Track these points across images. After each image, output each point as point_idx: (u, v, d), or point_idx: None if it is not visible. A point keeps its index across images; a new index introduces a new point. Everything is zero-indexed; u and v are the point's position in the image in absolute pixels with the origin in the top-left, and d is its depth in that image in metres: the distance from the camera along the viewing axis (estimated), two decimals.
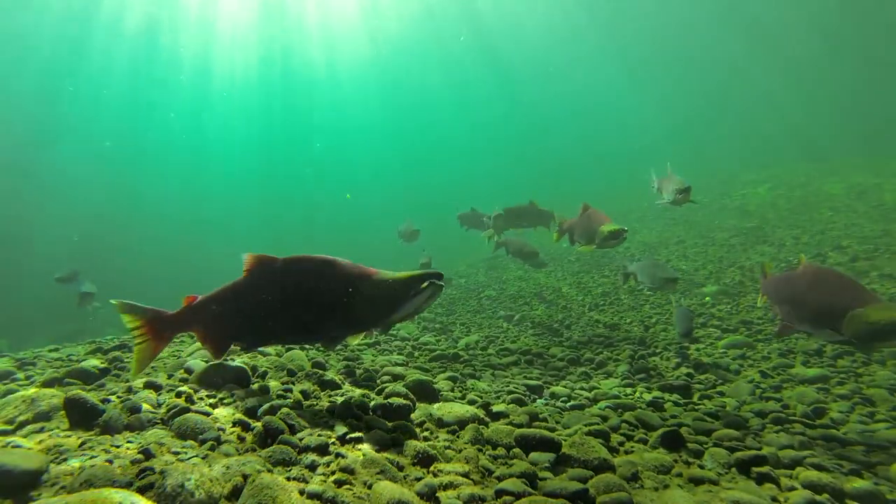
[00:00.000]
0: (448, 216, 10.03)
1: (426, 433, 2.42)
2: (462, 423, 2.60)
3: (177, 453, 1.85)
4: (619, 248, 8.13)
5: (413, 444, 2.08)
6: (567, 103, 39.12)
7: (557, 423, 2.99)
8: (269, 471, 1.72)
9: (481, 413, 2.81)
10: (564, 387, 3.96)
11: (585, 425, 2.77)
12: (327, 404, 2.65)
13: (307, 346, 4.90)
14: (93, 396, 2.16)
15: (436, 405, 2.85)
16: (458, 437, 2.44)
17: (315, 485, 1.69)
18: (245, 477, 1.63)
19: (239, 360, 3.23)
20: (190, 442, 1.98)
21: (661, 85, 34.36)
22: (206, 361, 3.14)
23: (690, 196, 5.49)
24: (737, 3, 24.92)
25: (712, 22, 26.52)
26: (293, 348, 4.39)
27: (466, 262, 13.24)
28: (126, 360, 3.53)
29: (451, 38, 29.57)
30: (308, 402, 2.70)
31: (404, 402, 2.57)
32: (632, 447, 2.58)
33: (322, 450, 1.97)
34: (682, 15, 25.87)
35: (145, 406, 2.27)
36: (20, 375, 3.27)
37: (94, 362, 3.27)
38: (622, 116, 40.54)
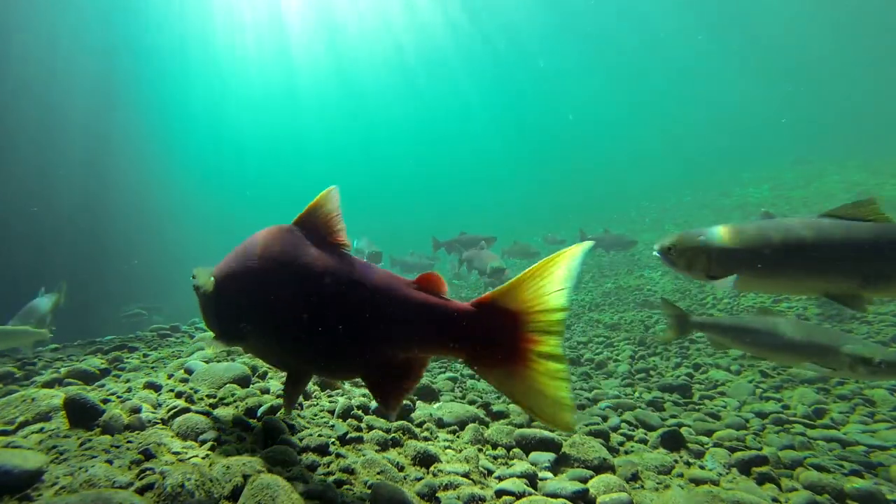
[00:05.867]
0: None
1: (426, 433, 2.41)
2: (462, 423, 2.60)
3: (177, 453, 1.84)
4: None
5: (413, 444, 2.08)
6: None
7: None
8: (269, 471, 1.72)
9: (481, 413, 2.81)
10: None
11: (585, 425, 2.77)
12: (328, 404, 2.65)
13: None
14: (93, 396, 2.16)
15: (436, 405, 2.85)
16: (458, 437, 2.44)
17: (315, 485, 1.69)
18: (245, 477, 1.62)
19: (239, 360, 3.23)
20: (190, 442, 1.98)
21: (665, 84, 34.44)
22: (207, 362, 3.13)
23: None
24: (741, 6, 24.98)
25: (712, 23, 26.55)
26: None
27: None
28: (126, 359, 3.53)
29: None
30: (308, 402, 2.70)
31: (405, 401, 2.57)
32: (632, 447, 2.58)
33: (322, 450, 1.97)
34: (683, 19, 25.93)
35: (145, 406, 2.27)
36: (20, 375, 3.27)
37: (94, 362, 3.27)
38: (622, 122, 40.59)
